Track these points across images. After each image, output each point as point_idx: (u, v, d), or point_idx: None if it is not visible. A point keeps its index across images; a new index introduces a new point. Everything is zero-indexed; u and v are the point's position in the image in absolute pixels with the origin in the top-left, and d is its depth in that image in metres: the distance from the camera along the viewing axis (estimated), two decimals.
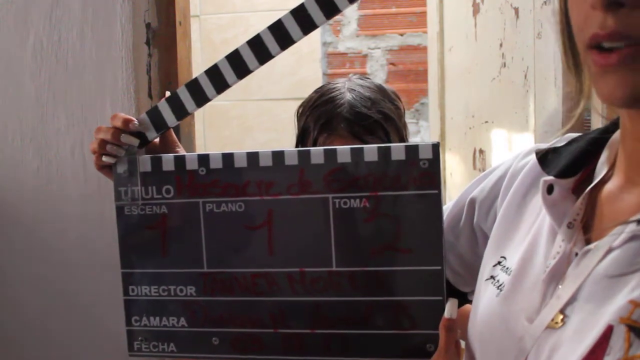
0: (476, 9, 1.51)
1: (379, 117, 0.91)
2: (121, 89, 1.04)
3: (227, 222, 0.66)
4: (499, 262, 0.54)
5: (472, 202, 0.64)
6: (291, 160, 0.65)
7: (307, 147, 0.91)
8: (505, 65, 1.38)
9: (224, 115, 2.67)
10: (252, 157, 0.66)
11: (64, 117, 1.05)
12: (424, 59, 2.04)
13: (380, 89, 0.96)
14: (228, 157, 0.66)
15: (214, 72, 0.66)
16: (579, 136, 0.54)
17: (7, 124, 1.07)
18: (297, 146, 0.95)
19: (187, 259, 0.68)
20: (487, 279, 0.54)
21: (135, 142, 0.69)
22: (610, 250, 0.42)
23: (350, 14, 2.54)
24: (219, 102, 2.66)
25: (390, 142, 0.91)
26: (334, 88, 0.94)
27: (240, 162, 0.66)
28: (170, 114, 0.69)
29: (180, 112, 0.68)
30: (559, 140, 0.56)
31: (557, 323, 0.43)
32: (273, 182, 0.65)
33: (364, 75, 1.01)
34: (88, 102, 1.05)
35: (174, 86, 1.04)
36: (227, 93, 0.69)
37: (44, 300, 1.09)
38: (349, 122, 0.89)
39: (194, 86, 0.67)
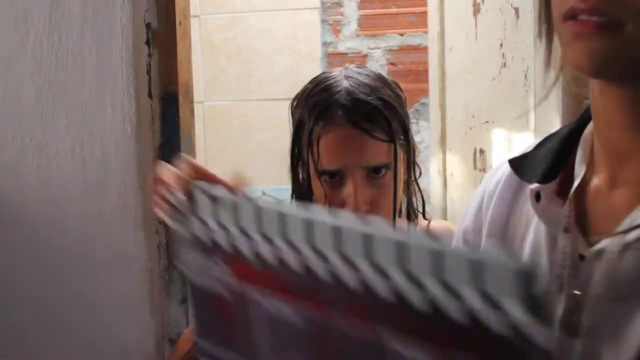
0: (476, 9, 1.51)
1: (378, 103, 0.86)
2: (121, 89, 1.04)
3: (277, 324, 0.54)
4: None
5: (466, 234, 0.62)
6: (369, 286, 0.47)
7: (302, 140, 0.88)
8: (505, 65, 1.38)
9: (224, 115, 2.67)
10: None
11: (64, 117, 1.05)
12: (424, 59, 2.04)
13: (379, 77, 0.92)
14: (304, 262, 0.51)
15: None
16: (547, 137, 0.54)
17: (7, 124, 1.07)
18: (292, 142, 0.91)
19: (239, 345, 0.58)
20: None
21: (186, 209, 0.59)
22: (625, 250, 0.41)
23: (350, 14, 2.54)
24: (219, 102, 2.66)
25: (391, 130, 0.85)
26: (330, 77, 0.90)
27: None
28: None
29: None
30: (529, 145, 0.56)
31: (577, 330, 0.42)
32: (334, 300, 0.50)
33: (362, 65, 0.97)
34: (88, 102, 1.05)
35: (174, 86, 1.04)
36: (227, 93, 0.68)
37: (43, 299, 1.09)
38: (346, 109, 0.84)
39: None
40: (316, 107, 0.86)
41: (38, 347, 1.09)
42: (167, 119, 1.04)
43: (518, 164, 0.53)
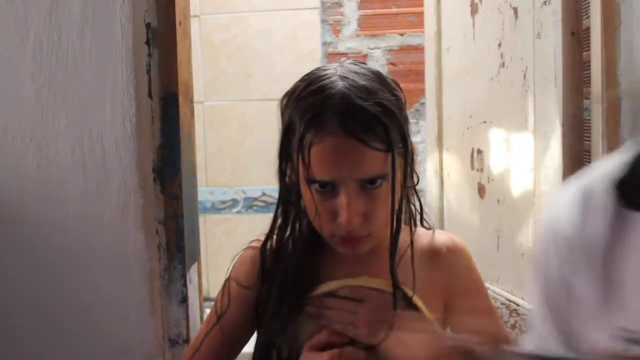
0: (474, 9, 1.52)
1: (377, 110, 0.76)
2: (121, 89, 1.04)
3: None
4: (631, 339, 0.44)
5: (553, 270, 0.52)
6: None
7: (292, 145, 0.81)
8: (504, 65, 1.38)
9: (224, 115, 2.67)
10: None
11: (64, 117, 1.05)
12: (424, 59, 2.04)
13: (377, 77, 0.82)
14: None
15: None
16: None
17: (7, 124, 1.07)
18: (281, 144, 0.84)
19: None
20: None
21: None
22: None
23: (350, 14, 2.54)
24: (219, 102, 2.66)
25: (390, 139, 0.77)
26: (324, 75, 0.80)
27: None
28: None
29: None
30: (609, 167, 0.48)
31: None
32: None
33: (358, 61, 0.86)
34: (88, 102, 1.05)
35: (174, 86, 1.04)
36: (227, 93, 0.67)
37: (43, 299, 1.09)
38: (341, 117, 0.75)
39: None
40: (308, 111, 0.78)
41: (38, 347, 1.09)
42: (167, 119, 1.04)
43: (624, 191, 0.45)
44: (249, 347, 0.89)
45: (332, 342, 0.80)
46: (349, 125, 0.75)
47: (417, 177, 0.89)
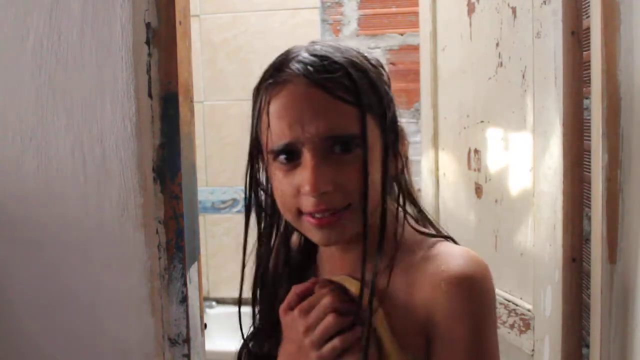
0: (471, 9, 1.52)
1: (344, 60, 0.70)
2: (121, 89, 1.04)
3: None
4: None
5: None
6: None
7: (254, 119, 0.73)
8: (502, 65, 1.38)
9: (224, 115, 2.67)
10: None
11: (64, 117, 1.05)
12: None
13: (358, 51, 0.76)
14: None
15: None
16: None
17: (7, 123, 1.07)
18: (251, 136, 0.76)
19: None
20: None
21: None
22: None
23: (351, 14, 2.54)
24: (219, 102, 2.66)
25: (359, 92, 0.68)
26: (290, 49, 0.76)
27: None
28: None
29: None
30: None
31: None
32: None
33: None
34: (88, 102, 1.05)
35: (174, 86, 1.04)
36: (227, 93, 0.68)
37: (42, 299, 1.09)
38: (302, 64, 0.69)
39: None
40: (268, 71, 0.73)
41: (38, 347, 1.09)
42: (167, 118, 1.04)
43: None
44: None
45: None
46: (311, 72, 0.68)
47: (403, 162, 0.76)
